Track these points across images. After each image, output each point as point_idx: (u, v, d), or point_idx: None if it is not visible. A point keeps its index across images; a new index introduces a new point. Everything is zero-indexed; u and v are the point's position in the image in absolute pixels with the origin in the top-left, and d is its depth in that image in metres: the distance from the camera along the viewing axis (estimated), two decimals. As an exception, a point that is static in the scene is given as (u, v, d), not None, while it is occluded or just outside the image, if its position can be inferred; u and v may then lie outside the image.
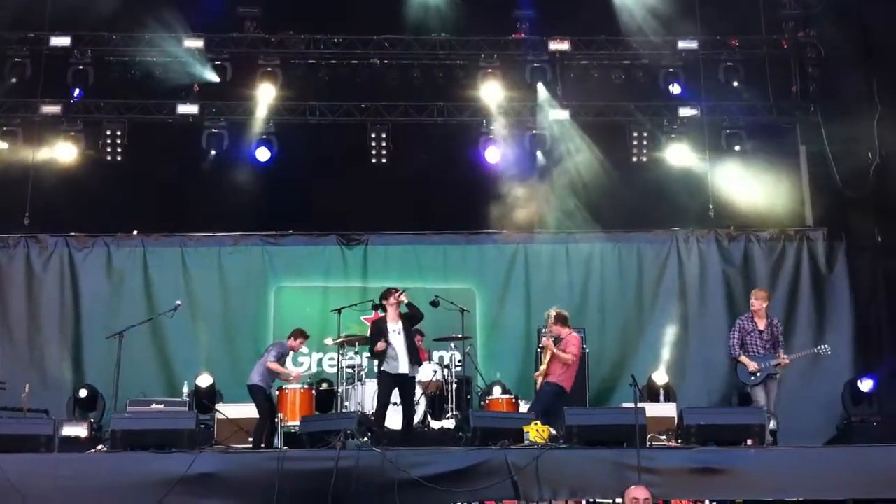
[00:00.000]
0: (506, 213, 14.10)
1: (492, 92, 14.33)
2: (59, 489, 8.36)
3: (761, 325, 10.52)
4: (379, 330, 10.32)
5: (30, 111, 14.09)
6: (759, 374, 10.30)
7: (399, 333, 10.24)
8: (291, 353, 11.70)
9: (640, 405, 9.04)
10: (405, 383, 10.27)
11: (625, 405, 10.83)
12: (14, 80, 13.94)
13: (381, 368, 10.24)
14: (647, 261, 14.09)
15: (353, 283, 13.87)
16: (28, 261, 13.68)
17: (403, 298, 10.31)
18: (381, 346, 10.14)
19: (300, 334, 11.45)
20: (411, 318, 10.39)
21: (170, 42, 14.04)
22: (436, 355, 12.60)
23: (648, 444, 9.26)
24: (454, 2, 14.09)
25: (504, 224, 14.15)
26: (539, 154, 14.51)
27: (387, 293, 10.46)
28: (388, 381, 10.24)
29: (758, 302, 10.62)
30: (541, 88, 14.40)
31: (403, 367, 10.16)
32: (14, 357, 12.98)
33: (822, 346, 10.94)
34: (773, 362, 10.34)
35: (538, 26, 14.54)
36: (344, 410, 11.46)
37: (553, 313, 10.74)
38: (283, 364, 11.31)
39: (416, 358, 10.34)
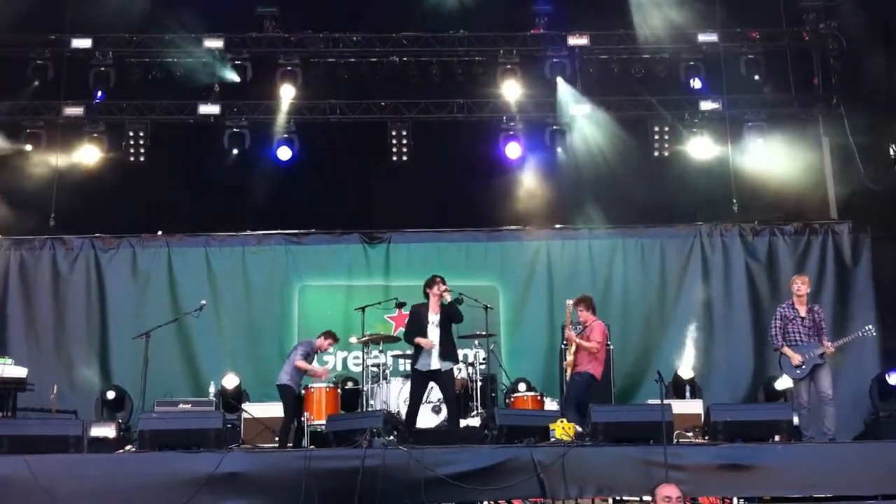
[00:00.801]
0: (527, 210, 14.13)
1: (511, 88, 14.30)
2: (88, 490, 8.40)
3: (802, 311, 10.09)
4: (417, 316, 10.13)
5: (52, 113, 14.19)
6: (804, 367, 9.89)
7: (436, 326, 10.02)
8: (318, 352, 11.65)
9: (666, 402, 9.00)
10: (438, 379, 10.09)
11: (650, 401, 10.80)
12: (36, 83, 14.04)
13: (414, 366, 10.13)
14: (670, 256, 14.03)
15: (375, 281, 13.87)
16: (54, 262, 13.77)
17: (447, 296, 10.05)
18: (426, 343, 9.94)
19: (329, 335, 11.43)
20: (450, 315, 10.09)
21: (190, 42, 14.09)
22: (460, 353, 12.52)
23: (675, 440, 9.23)
24: (472, -1, 14.07)
25: (526, 220, 14.19)
26: (559, 149, 14.47)
27: (431, 281, 10.14)
28: (419, 379, 10.12)
29: (804, 286, 10.15)
30: (560, 83, 14.35)
31: (435, 363, 9.99)
32: (42, 359, 13.06)
33: (867, 328, 10.39)
34: (817, 352, 9.89)
35: (557, 21, 14.48)
36: (369, 409, 11.49)
37: (574, 301, 10.74)
38: (310, 363, 11.28)
39: (449, 353, 10.06)
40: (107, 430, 11.49)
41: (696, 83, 14.39)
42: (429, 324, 10.05)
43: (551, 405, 11.50)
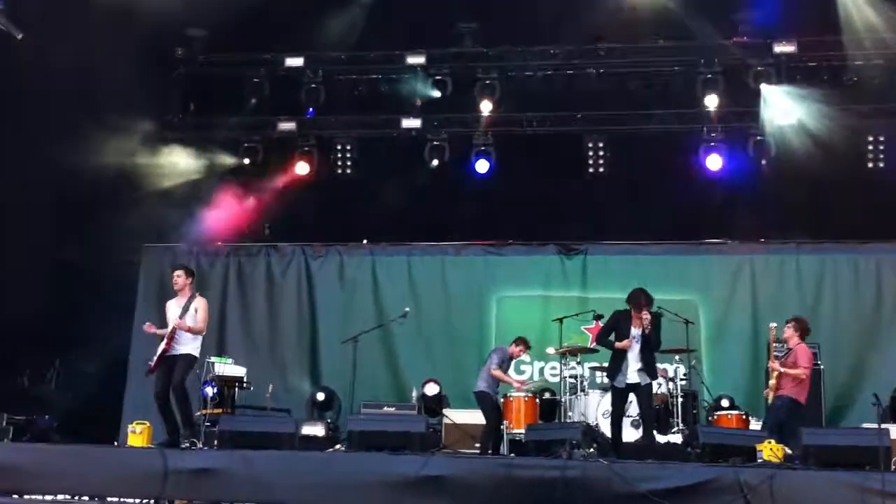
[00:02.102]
0: (729, 223, 13.72)
1: (712, 98, 13.98)
2: (300, 484, 8.84)
3: None
4: (618, 324, 10.15)
5: (268, 129, 15.02)
6: None
7: (637, 341, 10.01)
8: (513, 360, 11.79)
9: (883, 426, 8.56)
10: (636, 392, 10.08)
11: (865, 425, 10.25)
12: (254, 101, 14.89)
13: (612, 382, 10.18)
14: (886, 273, 13.24)
15: (572, 292, 13.83)
16: (269, 268, 14.51)
17: (647, 326, 9.96)
18: (624, 343, 9.97)
19: (522, 342, 11.58)
20: (647, 340, 10.02)
21: (393, 59, 14.65)
22: (659, 367, 12.31)
23: (893, 467, 8.75)
24: (671, 7, 13.80)
25: (728, 234, 13.78)
26: (764, 161, 13.97)
27: (637, 303, 9.98)
28: (618, 395, 10.16)
29: None
30: (765, 92, 13.86)
31: (632, 377, 9.98)
32: (257, 359, 13.72)
33: None
34: None
35: (761, 29, 14.02)
36: (567, 420, 11.55)
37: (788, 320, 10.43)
38: (505, 370, 11.45)
39: (648, 367, 10.00)
40: (316, 429, 12.05)
41: (915, 90, 13.59)
42: (629, 338, 10.02)
43: (756, 425, 11.12)
